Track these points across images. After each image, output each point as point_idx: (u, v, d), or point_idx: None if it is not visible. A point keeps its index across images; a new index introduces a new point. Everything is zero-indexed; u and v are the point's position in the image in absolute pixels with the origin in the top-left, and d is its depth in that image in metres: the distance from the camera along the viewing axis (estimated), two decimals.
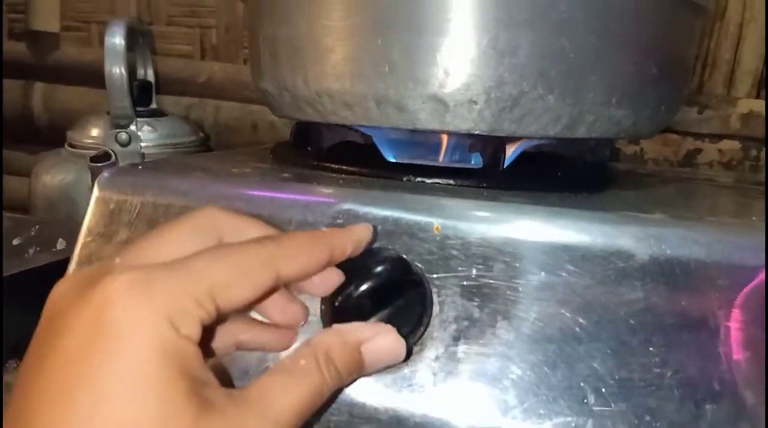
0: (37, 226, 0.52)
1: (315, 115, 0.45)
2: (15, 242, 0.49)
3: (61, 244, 0.52)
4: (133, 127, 0.59)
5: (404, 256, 0.33)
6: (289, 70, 0.45)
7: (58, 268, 0.37)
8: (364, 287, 0.30)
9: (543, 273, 0.33)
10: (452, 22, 0.39)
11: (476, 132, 0.42)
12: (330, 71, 0.42)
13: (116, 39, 0.58)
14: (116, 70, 0.58)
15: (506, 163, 0.45)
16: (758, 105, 0.80)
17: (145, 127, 0.62)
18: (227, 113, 0.92)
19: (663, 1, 0.42)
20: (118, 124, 0.59)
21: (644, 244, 0.33)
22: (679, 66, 0.46)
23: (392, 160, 0.53)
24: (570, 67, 0.40)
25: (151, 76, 0.73)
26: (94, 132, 0.62)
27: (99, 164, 0.52)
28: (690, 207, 0.43)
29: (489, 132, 0.42)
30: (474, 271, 0.34)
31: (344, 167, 0.45)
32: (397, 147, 0.53)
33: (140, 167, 0.40)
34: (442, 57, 0.40)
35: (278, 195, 0.37)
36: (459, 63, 0.40)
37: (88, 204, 0.39)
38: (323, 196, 0.37)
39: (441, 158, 0.54)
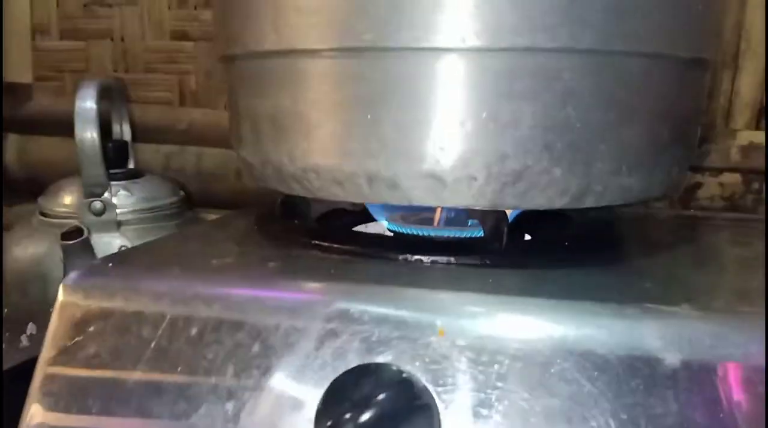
0: (5, 310, 0.48)
1: (301, 190, 0.42)
2: None
3: (31, 329, 0.48)
4: (107, 195, 0.56)
5: (410, 377, 0.30)
6: (272, 145, 0.41)
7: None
8: (364, 418, 0.27)
9: (564, 385, 0.30)
10: (448, 95, 0.36)
11: (476, 208, 0.39)
12: (317, 148, 0.39)
13: (87, 102, 0.55)
14: (88, 134, 0.54)
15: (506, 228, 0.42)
16: (758, 136, 0.77)
17: (121, 192, 0.58)
18: (210, 160, 0.88)
19: (672, 63, 0.39)
20: (92, 192, 0.55)
21: (674, 347, 0.29)
22: (690, 125, 0.43)
23: (384, 222, 0.50)
24: (577, 138, 0.37)
25: (127, 133, 0.70)
26: (67, 199, 0.59)
27: (70, 242, 0.49)
28: (716, 287, 0.39)
29: (490, 207, 0.39)
30: (483, 378, 0.31)
31: (335, 246, 0.41)
32: (390, 208, 0.50)
33: (110, 265, 0.36)
34: (437, 132, 0.37)
35: (263, 294, 0.33)
36: (456, 138, 0.36)
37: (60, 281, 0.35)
38: (313, 293, 0.34)
39: (437, 221, 0.51)
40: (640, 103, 0.38)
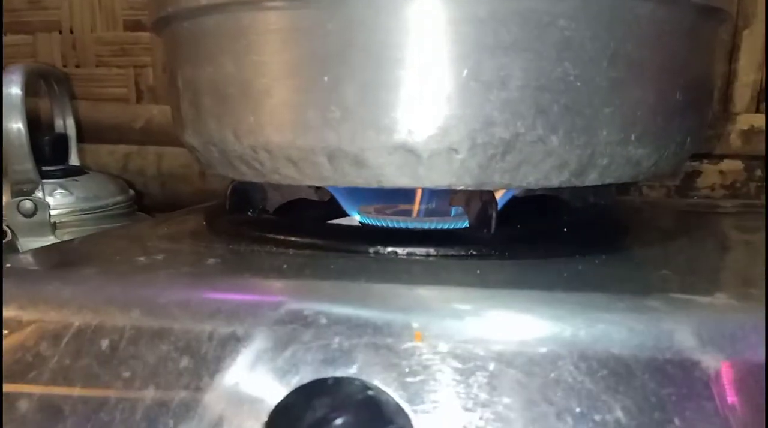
0: None
1: (252, 174, 0.35)
2: None
3: None
4: (39, 194, 0.49)
5: (379, 394, 0.23)
6: (215, 121, 0.35)
7: None
8: None
9: (574, 398, 0.23)
10: (420, 48, 0.30)
11: (459, 187, 0.32)
12: (266, 121, 0.33)
13: (12, 89, 0.48)
14: (14, 125, 0.47)
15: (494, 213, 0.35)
16: (759, 120, 0.72)
17: (58, 191, 0.52)
18: (171, 160, 0.81)
19: (684, 10, 0.33)
20: (20, 190, 0.48)
21: (713, 345, 0.23)
22: (704, 88, 0.37)
23: (355, 215, 0.43)
24: (577, 99, 0.31)
25: (71, 127, 0.63)
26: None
27: None
28: (744, 274, 0.33)
29: (475, 186, 0.32)
30: (471, 393, 0.24)
31: (293, 239, 0.35)
32: (361, 198, 0.43)
33: (8, 265, 0.29)
34: (408, 94, 0.30)
35: (195, 295, 0.27)
36: (432, 102, 0.30)
37: None
38: (258, 292, 0.27)
39: (416, 211, 0.45)
40: (649, 57, 0.32)
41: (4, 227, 0.45)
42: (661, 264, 0.33)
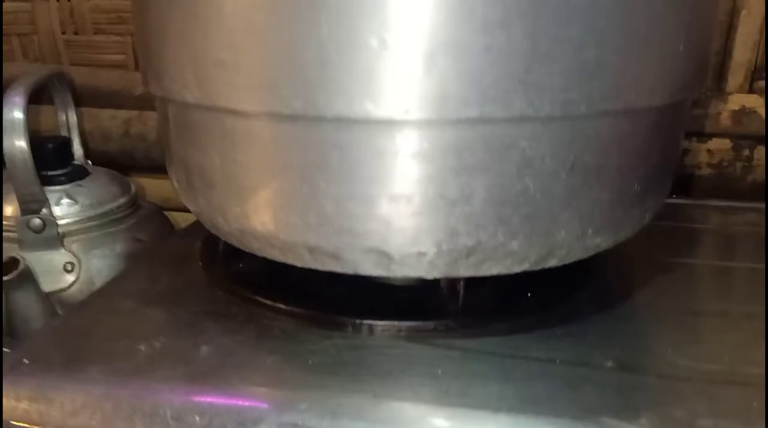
0: None
1: (240, 246, 0.38)
2: None
3: None
4: (45, 210, 0.52)
5: None
6: (204, 201, 0.37)
7: None
8: None
9: None
10: (391, 169, 0.32)
11: (429, 277, 0.35)
12: (251, 214, 0.35)
13: (15, 112, 0.50)
14: (17, 147, 0.50)
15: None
16: (751, 100, 0.72)
17: (64, 200, 0.54)
18: None
19: (646, 114, 0.34)
20: (28, 208, 0.51)
21: None
22: (667, 170, 0.39)
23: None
24: (536, 209, 0.33)
25: (73, 122, 0.65)
26: (8, 210, 0.54)
27: (8, 277, 0.45)
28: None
29: (443, 276, 0.36)
30: None
31: (281, 306, 0.39)
32: None
33: (25, 361, 0.33)
34: (381, 208, 0.33)
35: (188, 405, 0.31)
36: (402, 215, 0.33)
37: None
38: (230, 397, 0.31)
39: None
40: (608, 163, 0.34)
41: (18, 255, 0.48)
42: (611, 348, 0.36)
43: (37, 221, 0.52)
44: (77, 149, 0.64)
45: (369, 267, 0.35)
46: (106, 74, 0.82)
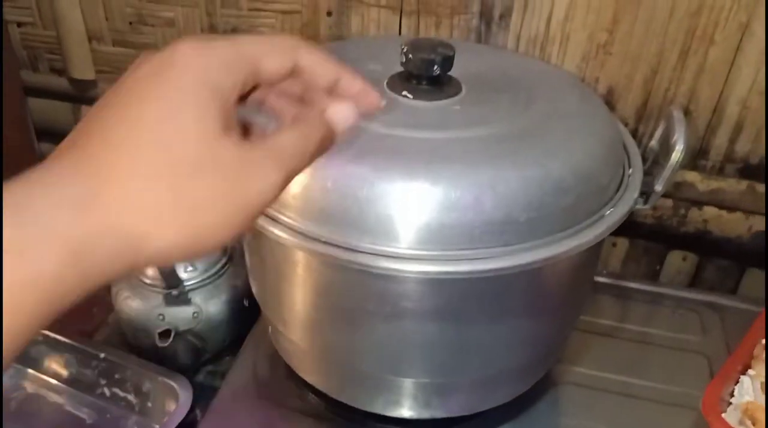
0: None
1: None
2: None
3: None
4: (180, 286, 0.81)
5: None
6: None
7: None
8: None
9: None
10: None
11: None
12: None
13: None
14: None
15: None
16: (692, 176, 0.89)
17: (189, 267, 0.82)
18: None
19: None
20: (170, 284, 0.79)
21: None
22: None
23: None
24: None
25: None
26: (150, 272, 0.82)
27: (163, 344, 0.75)
28: None
29: None
30: None
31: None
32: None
33: None
34: None
35: None
36: None
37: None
38: None
39: None
40: None
41: (170, 327, 0.78)
42: None
43: (175, 293, 0.81)
44: None
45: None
46: None
